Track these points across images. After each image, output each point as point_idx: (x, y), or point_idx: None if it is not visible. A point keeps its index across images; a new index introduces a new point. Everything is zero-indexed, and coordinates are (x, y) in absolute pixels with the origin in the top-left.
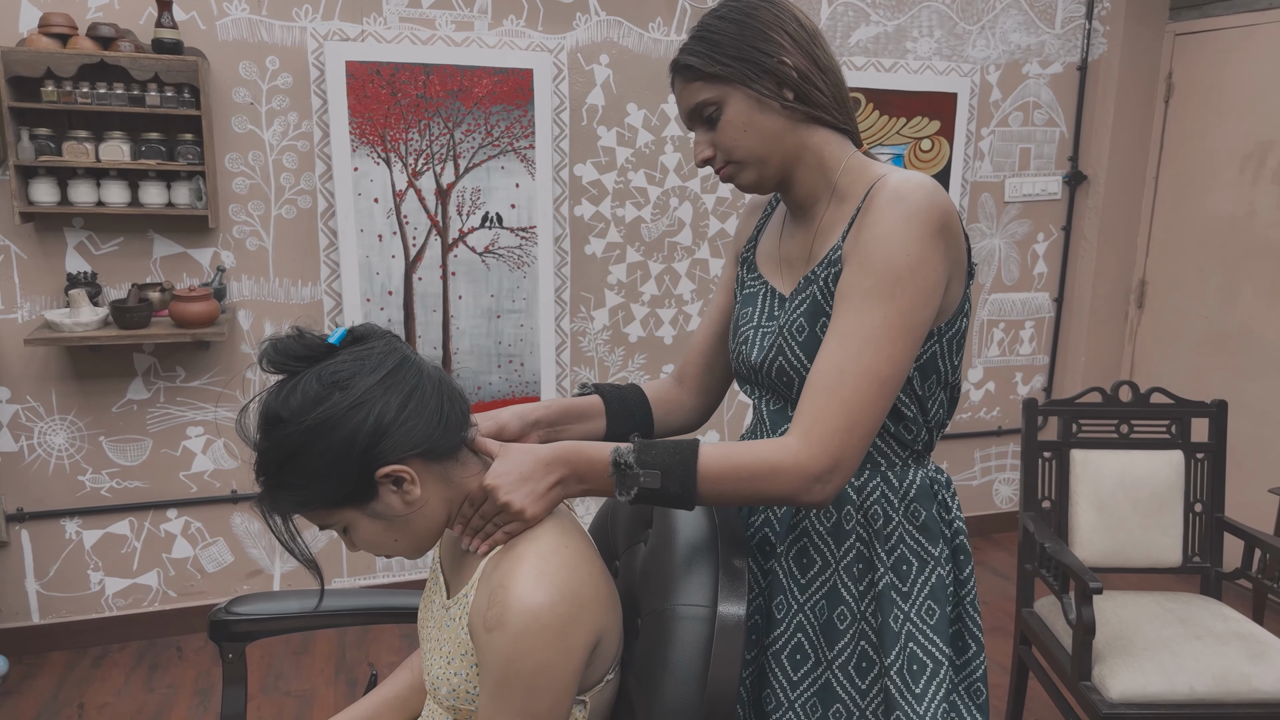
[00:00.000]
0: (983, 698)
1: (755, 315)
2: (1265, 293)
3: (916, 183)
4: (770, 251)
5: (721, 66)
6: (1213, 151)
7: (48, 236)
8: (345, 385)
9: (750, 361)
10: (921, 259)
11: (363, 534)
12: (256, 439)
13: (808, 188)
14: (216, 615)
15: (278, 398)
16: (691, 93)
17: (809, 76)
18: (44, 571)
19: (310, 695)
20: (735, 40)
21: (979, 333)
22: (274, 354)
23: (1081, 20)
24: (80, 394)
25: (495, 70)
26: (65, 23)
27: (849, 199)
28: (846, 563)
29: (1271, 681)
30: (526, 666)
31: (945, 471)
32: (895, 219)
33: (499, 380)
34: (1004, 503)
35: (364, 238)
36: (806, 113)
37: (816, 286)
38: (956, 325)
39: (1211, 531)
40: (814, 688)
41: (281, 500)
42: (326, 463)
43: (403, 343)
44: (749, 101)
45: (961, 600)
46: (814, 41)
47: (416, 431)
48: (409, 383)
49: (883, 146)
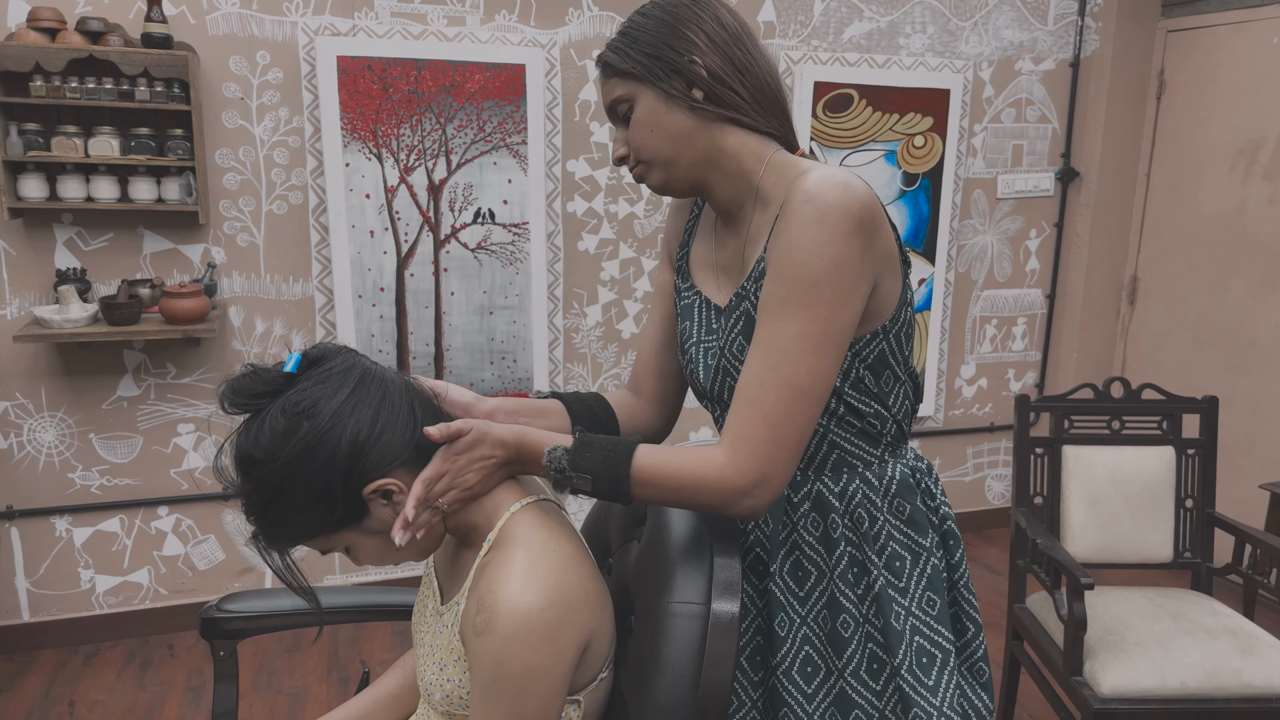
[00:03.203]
0: (985, 676)
1: (695, 330)
2: (1256, 289)
3: (832, 182)
4: (704, 258)
5: (634, 64)
6: (1204, 148)
7: (36, 232)
8: (312, 413)
9: (701, 381)
10: (837, 261)
11: (364, 551)
12: (237, 483)
13: (729, 191)
14: (208, 613)
15: (248, 439)
16: (609, 89)
17: (722, 77)
18: (34, 569)
19: (302, 693)
20: (651, 38)
21: (971, 329)
22: (233, 395)
23: (1074, 17)
24: (70, 391)
25: (487, 66)
26: (54, 17)
27: (773, 201)
28: (840, 569)
29: (1262, 676)
30: (515, 670)
31: (925, 458)
32: (807, 222)
33: (491, 377)
34: (996, 499)
35: (355, 234)
36: (718, 114)
37: (749, 302)
38: (900, 319)
39: (1202, 527)
40: (829, 698)
41: (277, 538)
42: (312, 493)
43: (360, 355)
44: (657, 100)
45: (956, 584)
46: (735, 42)
47: (394, 442)
48: (375, 395)
49: (876, 143)
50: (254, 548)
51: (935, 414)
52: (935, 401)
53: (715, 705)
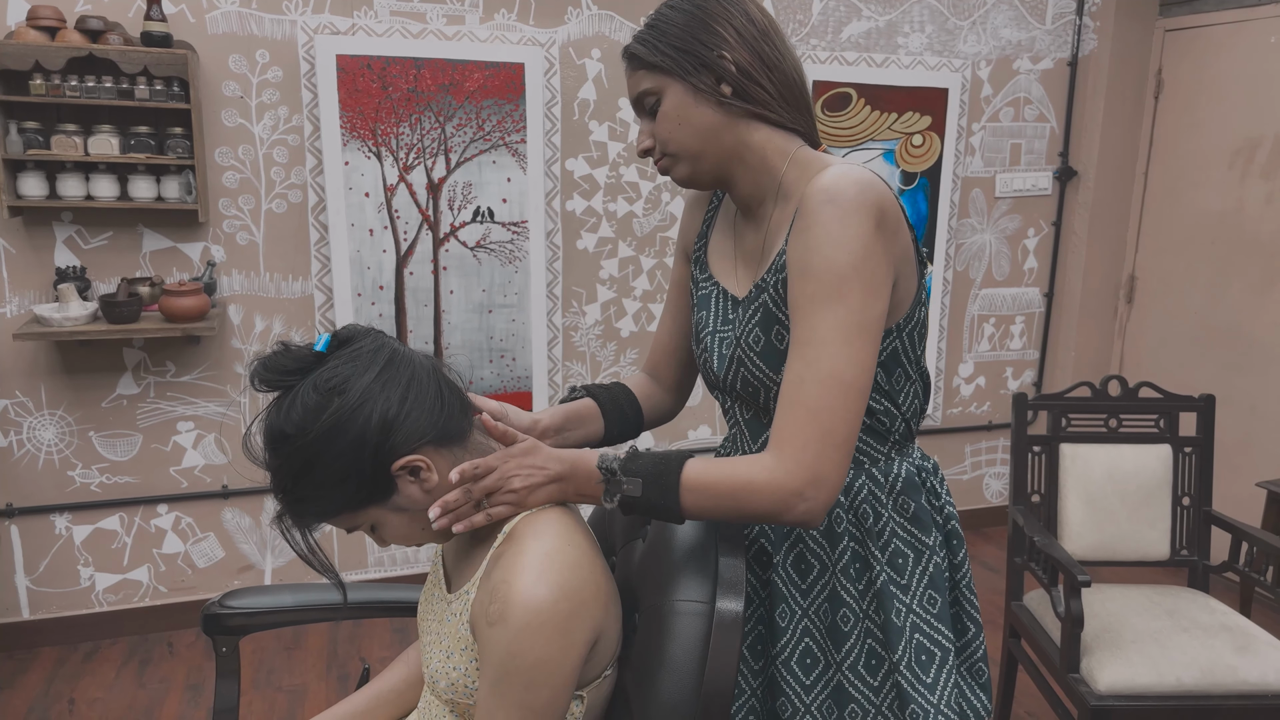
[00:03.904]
0: (985, 677)
1: (711, 320)
2: (1253, 288)
3: (849, 179)
4: (723, 249)
5: (662, 57)
6: (1202, 147)
7: (36, 231)
8: (343, 389)
9: (714, 371)
10: (863, 255)
11: (390, 529)
12: (266, 459)
13: (751, 186)
14: (210, 609)
15: (279, 414)
16: (635, 81)
17: (750, 73)
18: (34, 567)
19: (302, 690)
20: (680, 31)
21: (969, 327)
22: (265, 372)
23: (1072, 16)
24: (70, 389)
25: (487, 64)
26: (54, 15)
27: (793, 197)
28: (843, 564)
29: (1257, 673)
30: (526, 661)
31: (932, 458)
32: (830, 220)
33: (491, 375)
34: (994, 497)
35: (355, 232)
36: (746, 109)
37: (767, 294)
38: (915, 317)
39: (1199, 525)
40: (827, 690)
41: (304, 513)
42: (341, 468)
43: (389, 337)
44: (685, 94)
45: (958, 584)
46: (764, 38)
47: (422, 420)
48: (404, 374)
49: (874, 142)
50: (277, 528)
51: (933, 412)
52: (933, 400)
53: (718, 703)
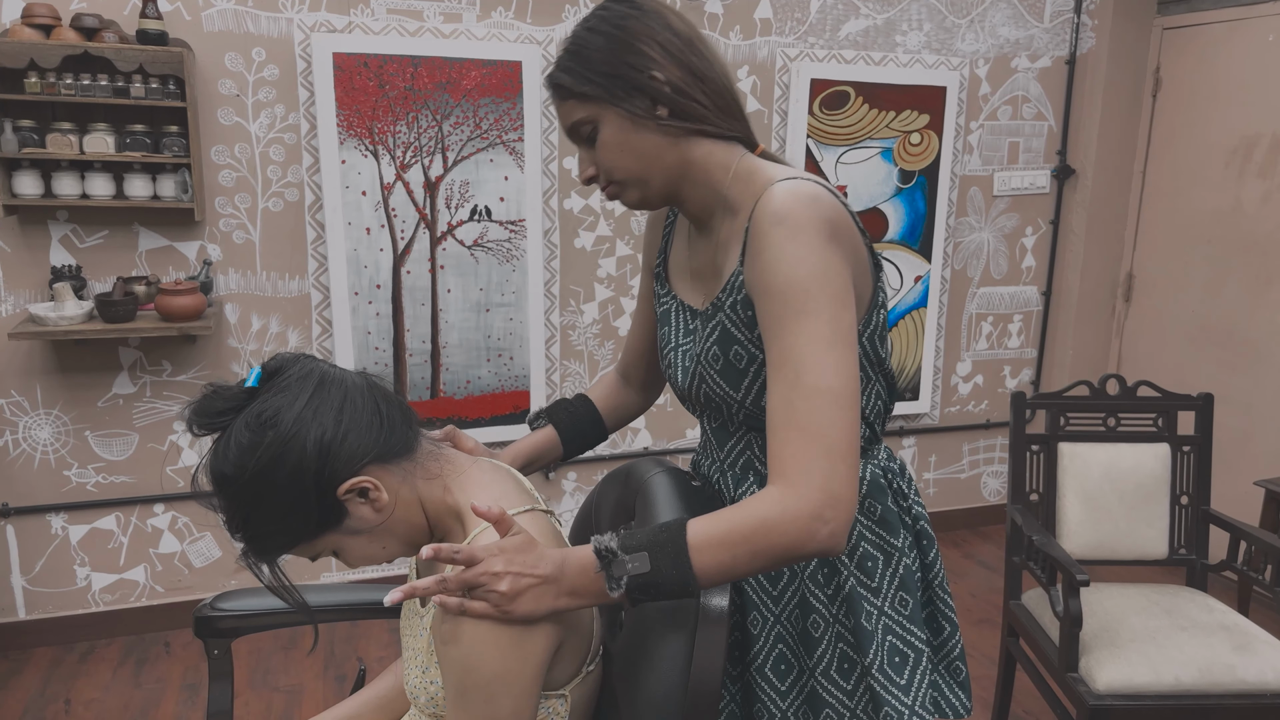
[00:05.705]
0: (963, 675)
1: (673, 335)
2: (1251, 286)
3: (795, 197)
4: (680, 263)
5: (591, 85)
6: (1200, 146)
7: (31, 229)
8: (275, 422)
9: (679, 385)
10: (822, 268)
11: (351, 552)
12: (216, 502)
13: (699, 202)
14: (201, 611)
15: (217, 457)
16: (567, 111)
17: (684, 89)
18: (30, 567)
19: (299, 690)
20: (604, 55)
21: (967, 326)
22: (198, 416)
23: (1070, 14)
24: (65, 388)
25: (484, 62)
26: (48, 13)
27: (741, 210)
28: (810, 570)
29: (1256, 672)
30: (483, 676)
31: (898, 458)
32: (782, 240)
33: (488, 374)
34: (992, 495)
35: (352, 231)
36: (685, 128)
37: (724, 314)
38: (873, 322)
39: (1197, 524)
40: (801, 696)
41: (264, 550)
42: (287, 500)
43: (319, 360)
44: (623, 120)
45: (930, 584)
46: (690, 49)
47: (362, 439)
48: (336, 396)
49: (872, 140)
50: (244, 564)
51: (931, 411)
52: (931, 399)
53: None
